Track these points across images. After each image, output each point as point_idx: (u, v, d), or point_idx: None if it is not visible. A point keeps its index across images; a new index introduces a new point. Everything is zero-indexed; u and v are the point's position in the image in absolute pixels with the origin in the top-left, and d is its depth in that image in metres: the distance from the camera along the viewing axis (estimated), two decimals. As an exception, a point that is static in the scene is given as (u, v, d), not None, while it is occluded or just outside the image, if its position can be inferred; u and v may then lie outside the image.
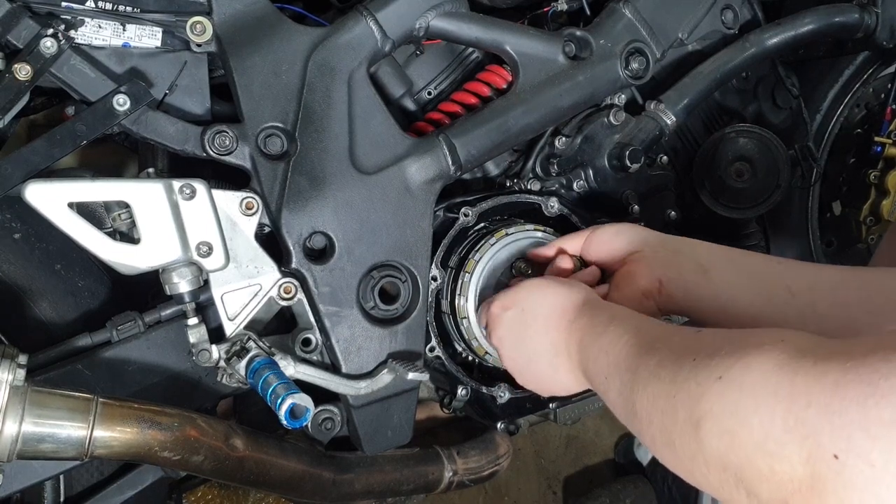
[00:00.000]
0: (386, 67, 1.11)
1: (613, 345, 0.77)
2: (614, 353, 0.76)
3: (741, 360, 0.56)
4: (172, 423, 0.87)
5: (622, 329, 0.78)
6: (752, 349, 0.56)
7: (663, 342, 0.70)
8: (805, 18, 1.20)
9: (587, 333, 0.86)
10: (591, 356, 0.84)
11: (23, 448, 0.80)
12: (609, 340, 0.80)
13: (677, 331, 0.72)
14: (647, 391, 0.66)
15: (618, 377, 0.74)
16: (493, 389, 1.11)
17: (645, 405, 0.66)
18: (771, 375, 0.52)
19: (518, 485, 1.74)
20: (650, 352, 0.70)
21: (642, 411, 0.67)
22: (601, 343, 0.81)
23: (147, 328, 1.00)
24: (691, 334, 0.68)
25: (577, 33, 1.13)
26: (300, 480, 0.99)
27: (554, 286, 0.95)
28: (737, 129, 1.28)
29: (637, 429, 0.70)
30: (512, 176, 1.17)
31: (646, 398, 0.66)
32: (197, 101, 0.98)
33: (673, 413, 0.61)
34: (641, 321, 0.80)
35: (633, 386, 0.69)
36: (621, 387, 0.73)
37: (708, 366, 0.59)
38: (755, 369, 0.54)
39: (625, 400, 0.72)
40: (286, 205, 0.96)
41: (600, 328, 0.84)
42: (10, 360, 0.80)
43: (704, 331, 0.68)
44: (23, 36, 0.87)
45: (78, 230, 0.87)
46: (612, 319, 0.83)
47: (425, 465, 1.12)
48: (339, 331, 0.99)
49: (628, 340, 0.75)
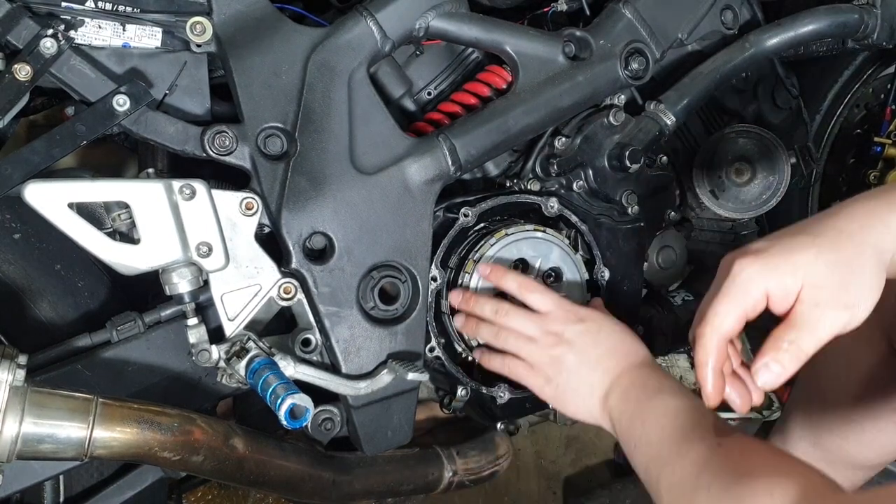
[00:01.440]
0: (386, 68, 1.11)
1: (653, 423, 0.85)
2: (649, 431, 0.84)
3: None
4: (172, 423, 0.87)
5: (663, 409, 0.85)
6: (749, 501, 0.66)
7: (688, 447, 0.78)
8: (805, 19, 1.20)
9: (635, 387, 0.91)
10: (626, 413, 0.90)
11: (22, 448, 0.80)
12: (650, 412, 0.86)
13: (702, 437, 0.79)
14: (671, 493, 0.78)
15: (646, 456, 0.84)
16: (493, 390, 1.11)
17: (666, 501, 0.79)
18: None
19: (518, 485, 1.73)
20: (679, 454, 0.78)
21: (663, 502, 0.79)
22: (641, 409, 0.87)
23: (147, 328, 1.00)
24: (710, 448, 0.76)
25: (577, 34, 1.13)
26: (300, 481, 0.99)
27: (626, 328, 1.00)
28: (737, 129, 1.28)
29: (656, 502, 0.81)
30: (512, 176, 1.17)
31: (668, 497, 0.78)
32: (197, 101, 0.98)
33: None
34: (681, 405, 0.85)
35: (660, 476, 0.80)
36: (648, 466, 0.83)
37: (719, 501, 0.69)
38: None
39: (650, 480, 0.82)
40: (286, 205, 0.96)
41: (649, 392, 0.89)
42: (10, 360, 0.80)
43: (724, 445, 0.76)
44: (23, 36, 0.87)
45: (78, 230, 0.87)
46: (660, 390, 0.89)
47: (425, 465, 1.12)
48: (339, 331, 0.99)
49: (665, 426, 0.83)
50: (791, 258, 0.74)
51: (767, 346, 0.74)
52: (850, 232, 0.74)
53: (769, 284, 0.74)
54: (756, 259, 0.75)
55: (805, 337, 0.72)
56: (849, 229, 0.74)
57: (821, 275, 0.72)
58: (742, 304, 0.75)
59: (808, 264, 0.73)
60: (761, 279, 0.74)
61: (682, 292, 1.35)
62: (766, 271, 0.74)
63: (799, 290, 0.73)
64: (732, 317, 0.75)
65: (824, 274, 0.72)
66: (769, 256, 0.74)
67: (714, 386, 0.78)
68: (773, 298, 0.74)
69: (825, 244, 0.73)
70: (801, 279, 0.73)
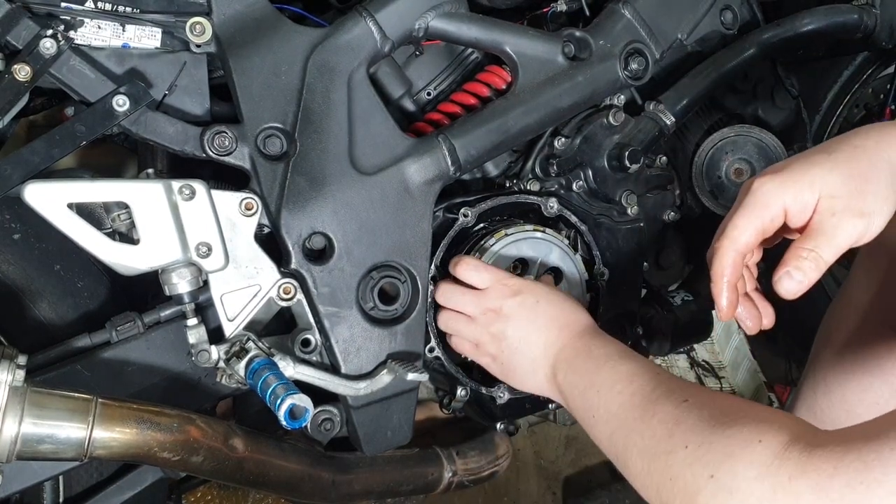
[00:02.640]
0: (385, 68, 1.11)
1: (608, 391, 0.81)
2: (606, 399, 0.81)
3: (728, 462, 0.63)
4: (172, 423, 0.87)
5: (616, 375, 0.82)
6: (738, 449, 0.63)
7: (653, 408, 0.75)
8: (804, 19, 1.20)
9: (581, 357, 0.89)
10: (577, 385, 0.87)
11: (22, 449, 0.80)
12: (603, 381, 0.83)
13: (666, 396, 0.76)
14: (643, 458, 0.73)
15: (608, 426, 0.80)
16: (493, 390, 1.12)
17: (639, 468, 0.73)
18: (754, 484, 0.61)
19: (517, 485, 1.73)
20: (644, 418, 0.75)
21: (635, 470, 0.74)
22: (594, 379, 0.84)
23: (146, 329, 1.00)
24: (677, 406, 0.73)
25: (577, 34, 1.13)
26: (300, 481, 0.99)
27: (567, 295, 0.98)
28: (736, 130, 1.28)
29: (628, 476, 0.76)
30: (511, 176, 1.17)
31: (640, 463, 0.73)
32: (196, 101, 0.98)
33: (669, 494, 0.68)
34: (634, 368, 0.82)
35: (627, 444, 0.75)
36: (612, 436, 0.79)
37: (700, 460, 0.65)
38: (740, 475, 0.62)
39: (616, 450, 0.78)
40: (285, 205, 0.96)
41: (597, 360, 0.87)
42: (10, 360, 0.80)
43: (691, 401, 0.73)
44: (22, 36, 0.87)
45: (77, 231, 0.87)
46: (608, 357, 0.86)
47: (425, 465, 1.12)
48: (339, 331, 0.99)
49: (623, 391, 0.80)
50: (808, 172, 0.76)
51: (788, 257, 0.75)
52: (866, 147, 0.76)
53: (786, 198, 0.76)
54: (774, 176, 0.77)
55: (823, 245, 0.74)
56: (864, 145, 0.76)
57: (836, 185, 0.74)
58: (760, 217, 0.77)
59: (824, 177, 0.75)
60: (780, 193, 0.76)
61: (681, 292, 1.35)
62: (784, 186, 0.76)
63: (816, 203, 0.75)
64: (751, 230, 0.78)
65: (839, 184, 0.74)
66: (787, 172, 0.77)
67: (728, 300, 0.79)
68: (791, 212, 0.76)
69: (841, 158, 0.76)
70: (817, 191, 0.75)
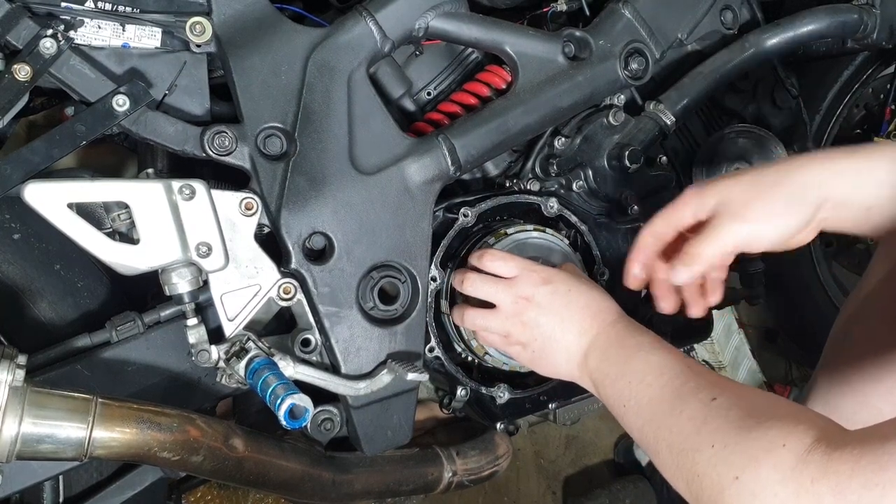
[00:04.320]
0: (385, 68, 1.11)
1: (639, 381, 0.83)
2: (637, 391, 0.82)
3: (752, 465, 0.65)
4: (172, 423, 0.87)
5: (647, 367, 0.84)
6: (763, 453, 0.65)
7: (682, 405, 0.76)
8: (804, 19, 1.20)
9: (613, 347, 0.90)
10: (609, 375, 0.88)
11: (22, 448, 0.80)
12: (634, 372, 0.84)
13: (695, 392, 0.77)
14: (672, 453, 0.74)
15: (639, 417, 0.81)
16: (493, 390, 1.12)
17: (668, 461, 0.75)
18: (777, 487, 0.62)
19: (518, 485, 1.74)
20: (673, 412, 0.76)
21: (665, 462, 0.76)
22: (625, 369, 0.86)
23: (146, 328, 1.00)
24: (704, 404, 0.74)
25: (577, 34, 1.13)
26: (300, 481, 0.99)
27: (594, 283, 1.00)
28: (737, 130, 1.28)
29: (658, 466, 0.78)
30: (511, 176, 1.17)
31: (669, 457, 0.75)
32: (196, 101, 0.98)
33: (698, 489, 0.70)
34: (664, 360, 0.83)
35: (657, 436, 0.77)
36: (643, 428, 0.80)
37: (725, 461, 0.67)
38: (764, 479, 0.63)
39: (647, 441, 0.80)
40: (285, 205, 0.96)
41: (629, 350, 0.88)
42: (10, 360, 0.80)
43: (719, 399, 0.74)
44: (22, 36, 0.87)
45: (77, 230, 0.87)
46: (639, 347, 0.87)
47: (425, 465, 1.12)
48: (339, 331, 0.99)
49: (653, 384, 0.81)
50: (719, 182, 0.87)
51: (678, 256, 0.86)
52: (788, 169, 0.84)
53: (694, 202, 0.87)
54: (700, 186, 0.88)
55: (704, 243, 0.84)
56: (788, 167, 0.84)
57: (733, 194, 0.84)
58: (672, 214, 0.90)
59: (729, 186, 0.85)
60: (692, 196, 0.88)
61: (681, 292, 1.35)
62: (699, 192, 0.87)
63: (714, 207, 0.85)
64: (663, 221, 0.91)
65: (736, 193, 0.84)
66: (710, 183, 0.88)
67: (629, 272, 0.95)
68: (696, 214, 0.88)
69: (755, 174, 0.86)
70: (717, 197, 0.85)
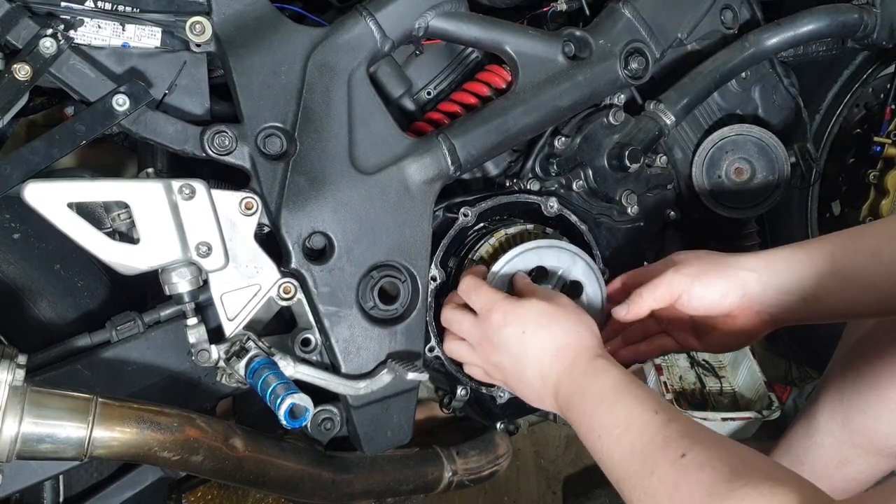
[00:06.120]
0: (385, 67, 1.11)
1: (607, 435, 0.80)
2: (607, 445, 0.80)
3: None
4: (172, 423, 0.87)
5: (613, 421, 0.81)
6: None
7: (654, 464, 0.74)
8: (804, 18, 1.20)
9: (576, 396, 0.86)
10: (581, 425, 0.85)
11: (22, 448, 0.80)
12: (602, 426, 0.81)
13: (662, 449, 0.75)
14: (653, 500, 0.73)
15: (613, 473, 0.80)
16: (493, 389, 1.12)
17: None
18: None
19: (518, 485, 1.73)
20: (644, 472, 0.75)
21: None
22: (592, 423, 0.83)
23: (146, 328, 1.00)
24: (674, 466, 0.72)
25: (577, 33, 1.13)
26: (300, 480, 0.98)
27: (563, 318, 0.91)
28: (736, 129, 1.28)
29: None
30: (511, 176, 1.17)
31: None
32: (196, 101, 0.98)
33: None
34: (631, 411, 0.80)
35: (632, 497, 0.77)
36: (618, 484, 0.80)
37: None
38: None
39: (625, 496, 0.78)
40: (285, 205, 0.96)
41: (592, 402, 0.84)
42: (10, 360, 0.80)
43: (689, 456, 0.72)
44: (22, 36, 0.87)
45: (77, 230, 0.87)
46: (602, 397, 0.84)
47: (425, 465, 1.12)
48: (339, 331, 0.99)
49: (620, 438, 0.79)
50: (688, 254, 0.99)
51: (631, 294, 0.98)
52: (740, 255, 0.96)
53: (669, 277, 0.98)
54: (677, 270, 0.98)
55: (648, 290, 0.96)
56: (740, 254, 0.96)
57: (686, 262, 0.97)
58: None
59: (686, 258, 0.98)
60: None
61: (681, 292, 1.34)
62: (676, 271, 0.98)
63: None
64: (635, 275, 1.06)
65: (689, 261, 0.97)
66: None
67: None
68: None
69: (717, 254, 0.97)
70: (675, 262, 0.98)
